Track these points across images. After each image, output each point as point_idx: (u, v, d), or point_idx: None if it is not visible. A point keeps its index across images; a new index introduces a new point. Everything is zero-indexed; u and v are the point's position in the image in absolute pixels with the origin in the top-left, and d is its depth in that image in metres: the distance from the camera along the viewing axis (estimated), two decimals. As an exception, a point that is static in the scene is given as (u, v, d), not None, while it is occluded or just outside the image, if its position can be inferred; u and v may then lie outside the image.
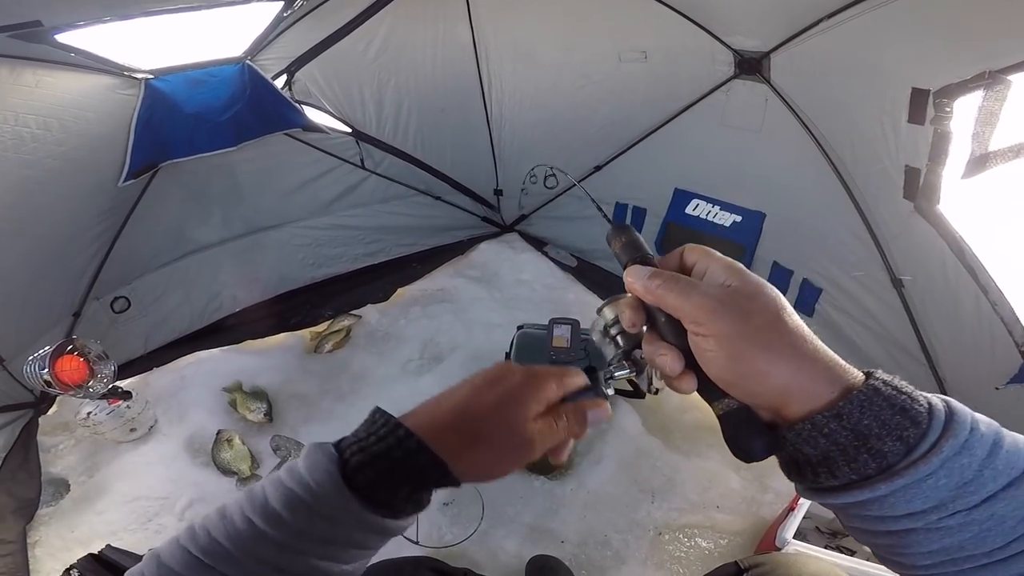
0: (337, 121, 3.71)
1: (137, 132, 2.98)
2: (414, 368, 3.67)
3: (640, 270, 0.73)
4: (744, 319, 0.63)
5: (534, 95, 3.77)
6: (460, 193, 4.35)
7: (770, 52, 2.76)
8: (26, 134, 2.60)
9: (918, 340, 2.60)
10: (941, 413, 0.58)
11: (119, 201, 3.19)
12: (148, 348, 3.61)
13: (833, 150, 2.70)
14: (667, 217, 3.53)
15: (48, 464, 3.09)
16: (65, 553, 2.69)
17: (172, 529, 2.79)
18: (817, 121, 2.74)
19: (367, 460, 0.72)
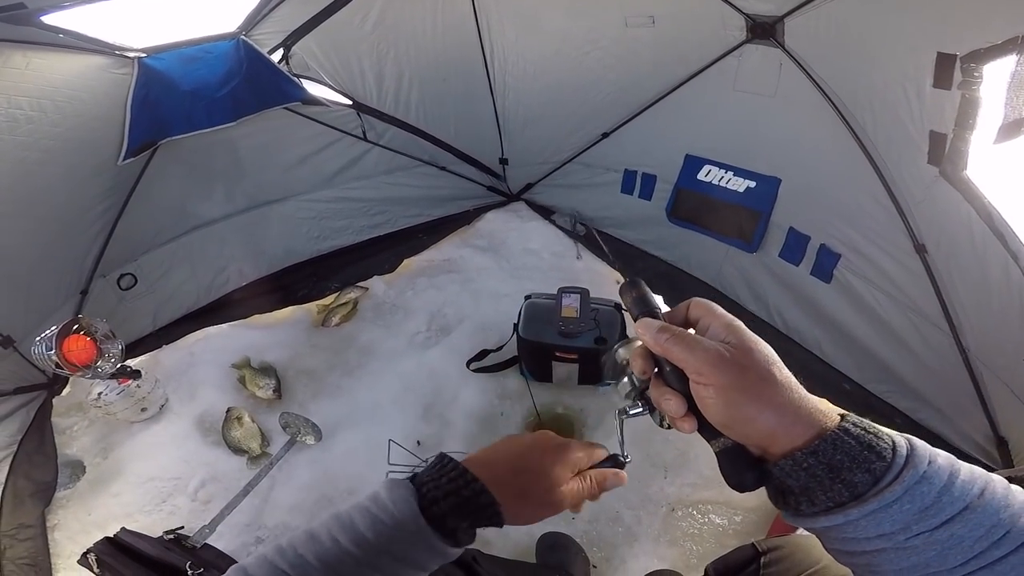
0: (337, 94, 3.61)
1: (133, 111, 2.92)
2: (421, 340, 3.59)
3: (650, 324, 0.81)
4: (740, 373, 0.72)
5: (538, 63, 3.62)
6: (465, 163, 4.24)
7: (784, 16, 2.61)
8: (20, 116, 2.54)
9: (941, 308, 2.48)
10: (903, 449, 0.67)
11: (120, 179, 3.13)
12: (157, 325, 3.56)
13: (852, 115, 2.56)
14: (678, 183, 3.40)
15: (63, 446, 3.06)
16: (83, 536, 2.66)
17: (186, 510, 2.78)
18: (835, 86, 2.60)
19: (440, 496, 0.87)
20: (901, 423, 2.73)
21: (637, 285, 0.91)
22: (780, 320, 3.18)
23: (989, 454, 2.47)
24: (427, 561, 0.87)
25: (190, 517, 2.72)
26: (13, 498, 2.70)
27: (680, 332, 0.78)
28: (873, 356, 2.81)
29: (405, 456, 2.86)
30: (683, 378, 0.77)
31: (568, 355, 2.91)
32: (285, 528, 2.72)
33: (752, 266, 3.25)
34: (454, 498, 0.87)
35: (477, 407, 3.14)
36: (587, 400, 3.14)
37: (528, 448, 1.00)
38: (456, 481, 0.89)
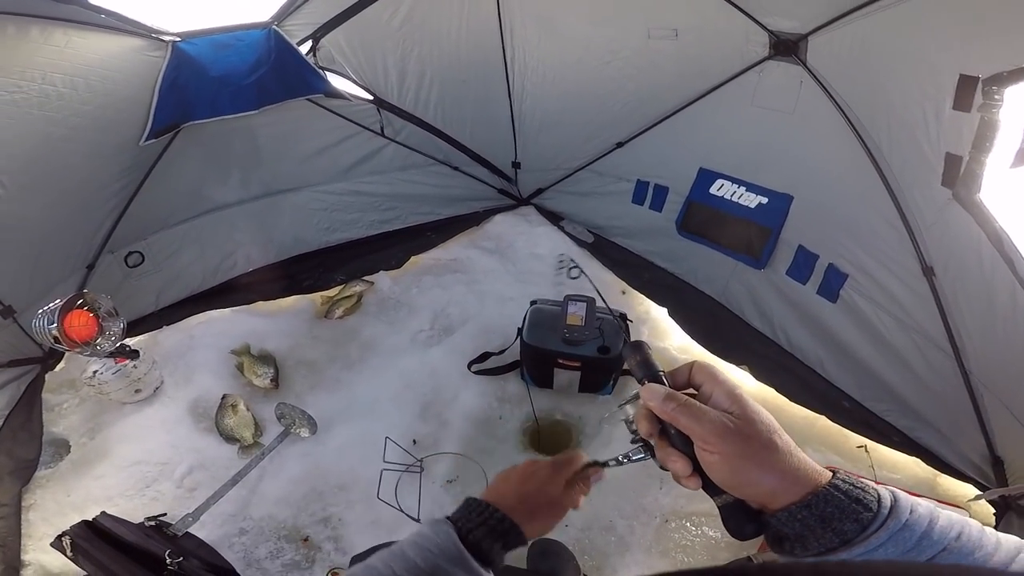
0: (359, 88, 3.63)
1: (162, 93, 2.95)
2: (424, 339, 3.58)
3: (656, 391, 0.84)
4: (744, 442, 0.77)
5: (558, 69, 3.62)
6: (478, 164, 4.23)
7: (808, 34, 2.62)
8: (52, 92, 2.59)
9: (946, 330, 2.47)
10: (888, 501, 0.73)
11: (140, 159, 3.15)
12: (160, 304, 3.56)
13: (869, 135, 2.55)
14: (690, 196, 3.38)
15: (50, 423, 3.04)
16: (59, 518, 2.62)
17: (170, 497, 2.76)
18: (854, 105, 2.59)
19: (473, 527, 0.98)
20: (899, 441, 2.74)
21: (640, 349, 0.93)
22: (784, 337, 3.17)
23: (984, 473, 2.48)
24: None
25: (174, 504, 2.70)
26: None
27: (686, 402, 0.81)
28: (875, 375, 2.81)
29: (400, 455, 2.84)
30: (688, 441, 0.82)
31: (571, 362, 2.90)
32: (271, 520, 2.69)
33: (759, 282, 3.23)
34: (484, 527, 0.99)
35: (476, 409, 3.13)
36: (586, 408, 3.13)
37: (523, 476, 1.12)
38: (483, 514, 1.01)
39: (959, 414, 2.50)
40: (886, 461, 2.78)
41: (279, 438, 2.92)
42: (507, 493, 1.08)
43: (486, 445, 2.98)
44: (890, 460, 2.79)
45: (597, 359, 2.86)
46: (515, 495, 1.07)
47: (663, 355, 3.31)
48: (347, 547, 2.61)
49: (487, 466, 2.85)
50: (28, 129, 2.58)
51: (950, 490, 2.64)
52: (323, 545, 2.62)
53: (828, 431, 2.93)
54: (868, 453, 2.73)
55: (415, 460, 2.84)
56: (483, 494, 1.09)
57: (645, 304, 3.68)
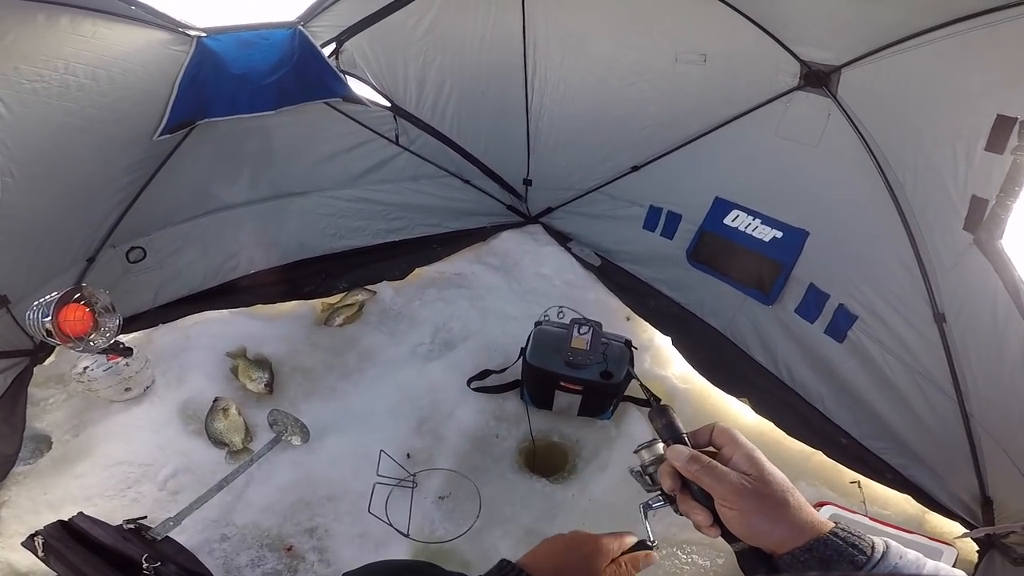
0: (378, 95, 3.61)
1: (181, 88, 2.94)
2: (424, 353, 3.52)
3: (681, 452, 0.93)
4: (760, 501, 0.86)
5: (579, 88, 3.59)
6: (489, 179, 4.20)
7: (842, 66, 2.58)
8: (72, 83, 2.57)
9: (951, 375, 2.45)
10: (880, 547, 0.81)
11: (152, 154, 3.12)
12: (158, 302, 3.50)
13: (894, 173, 2.52)
14: (704, 225, 3.34)
15: (34, 418, 2.97)
16: (33, 516, 2.55)
17: (150, 498, 2.69)
18: (881, 141, 2.56)
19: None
20: (892, 478, 2.74)
21: (666, 413, 1.02)
22: (786, 373, 3.13)
23: (972, 512, 2.48)
24: None
25: (154, 507, 2.63)
26: None
27: (709, 464, 0.90)
28: (874, 414, 2.79)
29: (393, 468, 2.78)
30: (709, 496, 0.90)
31: (573, 386, 2.86)
32: (255, 528, 2.63)
33: (766, 318, 3.19)
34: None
35: (472, 426, 3.07)
36: (584, 432, 3.08)
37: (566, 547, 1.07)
38: None
39: (955, 455, 2.49)
40: (877, 497, 2.76)
41: (269, 445, 2.84)
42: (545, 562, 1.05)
43: (481, 463, 2.92)
44: (881, 496, 2.77)
45: (600, 384, 2.81)
46: (552, 567, 1.04)
47: (664, 384, 3.27)
48: (331, 559, 2.55)
49: (481, 484, 2.79)
50: (45, 119, 2.56)
51: (937, 527, 2.62)
52: (307, 555, 2.55)
53: (823, 466, 2.90)
54: (861, 489, 2.72)
55: (408, 475, 2.78)
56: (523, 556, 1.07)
57: (649, 332, 3.64)
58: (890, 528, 2.37)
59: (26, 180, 2.60)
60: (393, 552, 2.55)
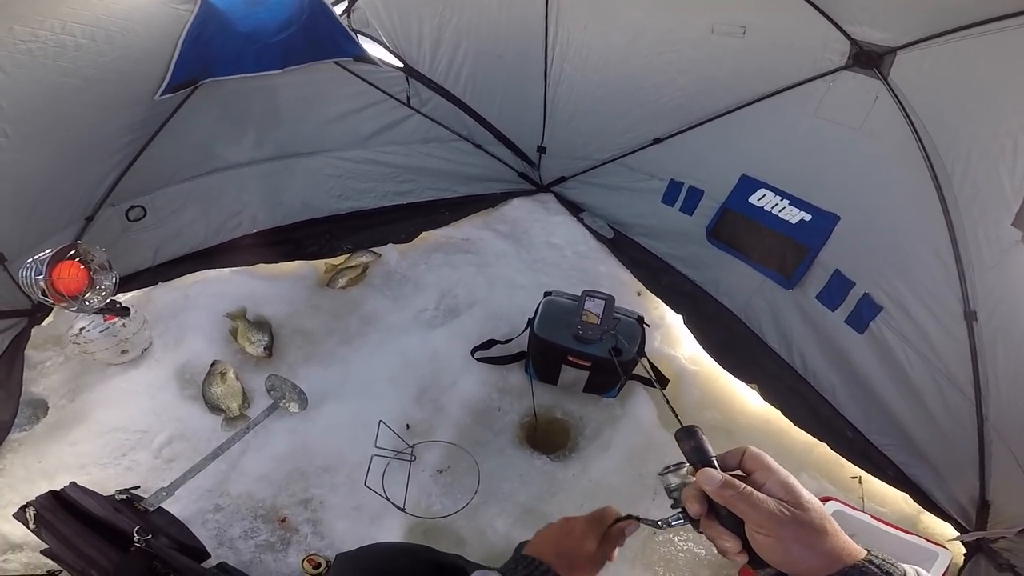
0: (390, 55, 3.49)
1: (184, 47, 2.84)
2: (427, 319, 3.41)
3: (712, 477, 0.90)
4: (798, 528, 0.84)
5: (603, 55, 3.40)
6: (501, 145, 4.05)
7: (899, 48, 2.39)
8: (69, 43, 2.49)
9: (973, 376, 2.33)
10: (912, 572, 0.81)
11: (153, 114, 3.02)
12: (157, 260, 3.41)
13: (942, 162, 2.35)
14: (727, 203, 3.17)
15: (30, 383, 2.89)
16: (28, 485, 2.48)
17: (145, 466, 2.62)
18: (933, 129, 2.38)
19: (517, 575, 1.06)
20: (893, 476, 2.67)
21: (695, 435, 0.97)
22: (800, 361, 3.00)
23: (967, 515, 2.42)
24: None
25: (149, 475, 2.56)
26: None
27: (744, 490, 0.88)
28: (885, 409, 2.68)
29: (391, 438, 2.68)
30: (739, 522, 0.88)
31: (581, 361, 2.74)
32: (249, 498, 2.55)
33: (784, 302, 3.04)
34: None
35: (474, 398, 2.98)
36: (588, 409, 2.97)
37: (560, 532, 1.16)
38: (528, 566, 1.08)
39: (961, 456, 2.41)
40: (876, 494, 2.69)
41: (267, 411, 2.74)
42: (546, 549, 1.13)
43: (481, 436, 2.83)
44: (880, 493, 2.70)
45: (608, 360, 2.65)
46: (553, 551, 1.12)
47: (673, 364, 3.15)
48: (325, 531, 2.47)
49: (480, 459, 2.70)
50: (40, 79, 2.46)
51: (930, 527, 2.57)
52: (301, 528, 2.47)
53: (826, 458, 2.81)
54: (861, 484, 2.65)
55: (407, 446, 2.68)
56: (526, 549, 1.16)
57: (660, 309, 3.50)
58: (891, 528, 2.30)
59: (21, 140, 2.50)
60: (388, 526, 2.48)
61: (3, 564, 2.31)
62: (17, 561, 2.30)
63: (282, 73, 3.15)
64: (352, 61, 3.34)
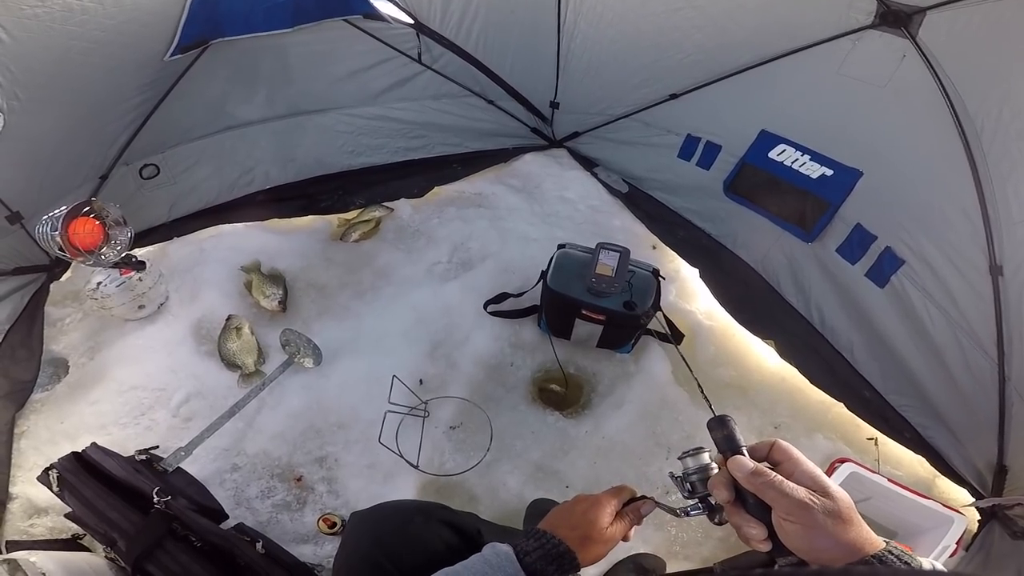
0: (400, 11, 3.33)
1: (192, 8, 2.70)
2: (440, 271, 3.33)
3: (743, 464, 0.94)
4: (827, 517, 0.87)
5: (618, 11, 3.20)
6: (514, 100, 3.90)
7: (929, 8, 2.24)
8: (76, 6, 2.38)
9: (997, 333, 2.24)
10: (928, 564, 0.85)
11: (163, 75, 2.92)
12: (172, 216, 3.36)
13: (971, 120, 2.21)
14: (745, 157, 3.03)
15: (51, 340, 2.87)
16: (51, 447, 2.49)
17: (163, 425, 2.60)
18: (962, 88, 2.24)
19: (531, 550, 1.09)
20: (910, 437, 2.59)
21: (726, 424, 0.99)
22: (817, 316, 2.90)
23: (983, 480, 2.37)
24: None
25: (168, 434, 2.54)
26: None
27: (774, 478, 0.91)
28: (904, 368, 2.58)
29: (405, 394, 2.64)
30: (765, 509, 0.91)
31: (595, 315, 2.64)
32: (265, 457, 2.53)
33: (803, 255, 2.93)
34: (540, 551, 1.08)
35: (487, 353, 2.91)
36: (602, 365, 2.90)
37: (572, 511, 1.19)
38: (540, 539, 1.11)
39: (980, 418, 2.33)
40: (891, 456, 2.62)
41: (281, 367, 2.69)
42: (560, 524, 1.16)
43: (494, 393, 2.78)
44: (895, 456, 2.62)
45: (622, 314, 2.57)
46: (567, 526, 1.15)
47: (688, 319, 3.06)
48: (340, 490, 2.45)
49: (493, 415, 2.65)
50: (48, 43, 2.37)
51: (945, 492, 2.51)
52: (316, 486, 2.45)
53: (841, 419, 2.73)
54: (877, 446, 2.60)
55: (420, 402, 2.63)
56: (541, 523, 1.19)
57: (676, 262, 3.39)
58: (905, 491, 2.25)
59: (32, 103, 2.43)
60: (401, 484, 2.46)
61: (29, 528, 2.31)
62: (43, 525, 2.31)
63: (292, 32, 3.05)
64: (362, 18, 3.22)
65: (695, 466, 1.05)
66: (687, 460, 1.06)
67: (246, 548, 1.91)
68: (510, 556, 1.07)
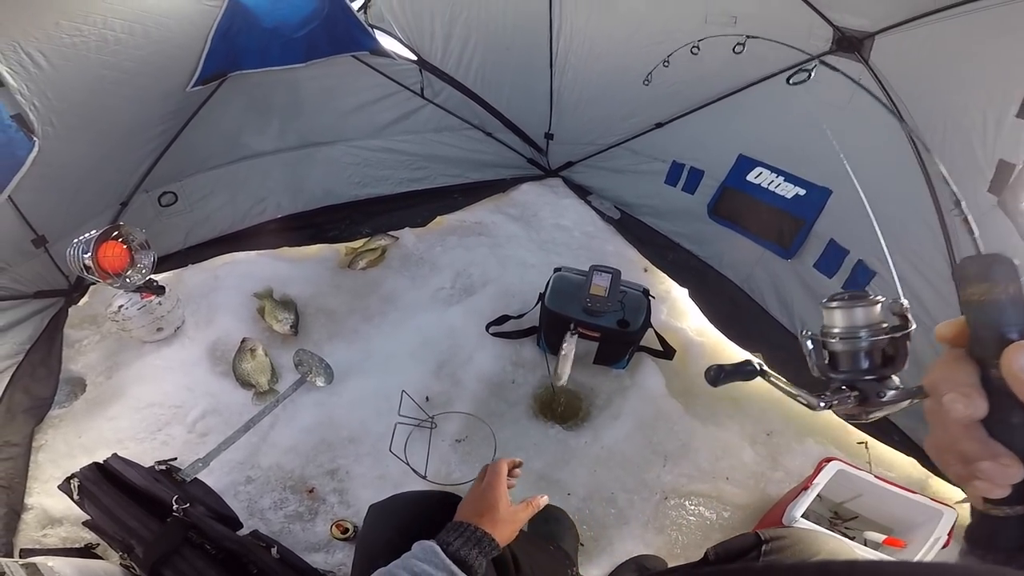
0: (405, 48, 3.58)
1: (214, 41, 2.93)
2: (444, 297, 3.51)
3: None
4: None
5: (605, 45, 3.49)
6: (511, 132, 4.14)
7: (876, 33, 2.49)
8: (110, 37, 2.60)
9: None
10: None
11: (185, 105, 3.13)
12: (188, 243, 3.54)
13: (920, 137, 2.43)
14: (726, 181, 3.27)
15: (69, 360, 3.00)
16: (68, 460, 2.59)
17: (180, 440, 2.72)
18: (911, 106, 2.47)
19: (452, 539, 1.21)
20: (899, 440, 2.70)
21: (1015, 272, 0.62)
22: (802, 327, 3.02)
23: None
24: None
25: (184, 449, 2.65)
26: (6, 412, 2.63)
27: None
28: None
29: (413, 410, 2.79)
30: None
31: (590, 332, 2.83)
32: (278, 470, 2.65)
33: (784, 272, 3.13)
34: (461, 539, 1.22)
35: (490, 371, 3.06)
36: (599, 380, 3.05)
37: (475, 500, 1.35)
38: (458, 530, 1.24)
39: None
40: (883, 459, 2.72)
41: (295, 385, 2.86)
42: (470, 513, 1.32)
43: (497, 408, 2.92)
44: (887, 458, 2.73)
45: (616, 331, 2.78)
46: (475, 513, 1.31)
47: (679, 335, 3.23)
48: (351, 500, 2.56)
49: (497, 428, 2.79)
50: (83, 72, 2.58)
51: (939, 491, 2.58)
52: (328, 497, 2.57)
53: (830, 424, 2.86)
54: (868, 450, 2.69)
55: (428, 416, 2.79)
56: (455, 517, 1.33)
57: (667, 283, 3.59)
58: (893, 487, 2.31)
59: (65, 130, 2.62)
60: None
61: (42, 538, 2.40)
62: (56, 535, 2.39)
63: (304, 66, 3.26)
64: (369, 54, 3.44)
65: (865, 321, 0.74)
66: (835, 313, 0.75)
67: (262, 553, 1.99)
68: (434, 549, 1.18)
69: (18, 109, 2.45)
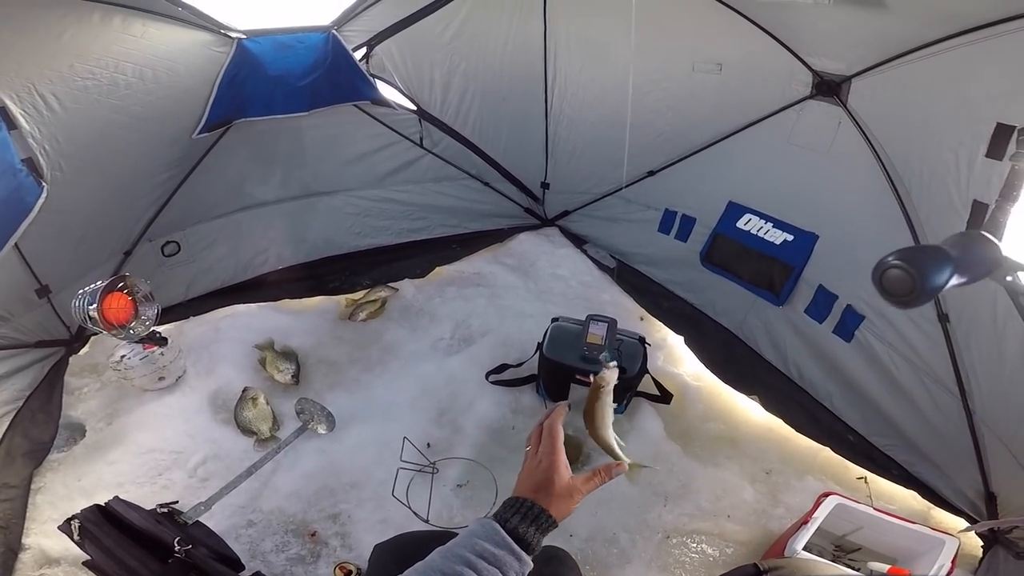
0: (405, 98, 3.71)
1: (220, 88, 3.04)
2: (444, 347, 3.60)
3: None
4: None
5: (598, 94, 3.67)
6: (508, 182, 4.28)
7: (852, 76, 2.64)
8: (121, 81, 2.69)
9: (955, 374, 2.49)
10: None
11: (190, 152, 3.23)
12: (189, 295, 3.61)
13: (900, 179, 2.57)
14: (716, 228, 3.39)
15: (69, 407, 3.05)
16: (67, 503, 2.61)
17: (181, 486, 2.75)
18: (889, 148, 2.61)
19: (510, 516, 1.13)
20: (898, 474, 2.77)
21: None
22: (796, 372, 3.17)
23: (976, 507, 2.52)
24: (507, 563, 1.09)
25: (184, 493, 2.68)
26: (5, 455, 2.64)
27: None
28: (880, 412, 2.83)
29: (414, 456, 2.85)
30: None
31: (588, 378, 2.86)
32: (280, 514, 2.68)
33: (776, 318, 3.24)
34: (518, 515, 1.14)
35: (490, 418, 3.13)
36: (597, 425, 3.10)
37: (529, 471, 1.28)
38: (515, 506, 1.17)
39: (959, 451, 2.53)
40: (884, 493, 2.78)
41: (296, 432, 2.92)
42: (527, 489, 1.21)
43: (498, 453, 2.98)
44: (888, 492, 2.80)
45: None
46: (530, 488, 1.21)
47: (676, 381, 3.32)
48: (353, 544, 2.60)
49: (498, 473, 2.85)
50: (93, 115, 2.66)
51: (942, 522, 2.63)
52: (330, 541, 2.61)
53: (830, 462, 2.94)
54: (867, 484, 2.74)
55: (429, 462, 2.85)
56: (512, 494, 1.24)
57: (663, 331, 3.70)
58: (892, 518, 2.35)
59: (73, 174, 2.69)
60: None
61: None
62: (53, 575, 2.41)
63: (308, 115, 3.37)
64: (370, 104, 3.57)
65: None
66: None
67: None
68: (494, 526, 1.12)
69: (29, 153, 2.51)
